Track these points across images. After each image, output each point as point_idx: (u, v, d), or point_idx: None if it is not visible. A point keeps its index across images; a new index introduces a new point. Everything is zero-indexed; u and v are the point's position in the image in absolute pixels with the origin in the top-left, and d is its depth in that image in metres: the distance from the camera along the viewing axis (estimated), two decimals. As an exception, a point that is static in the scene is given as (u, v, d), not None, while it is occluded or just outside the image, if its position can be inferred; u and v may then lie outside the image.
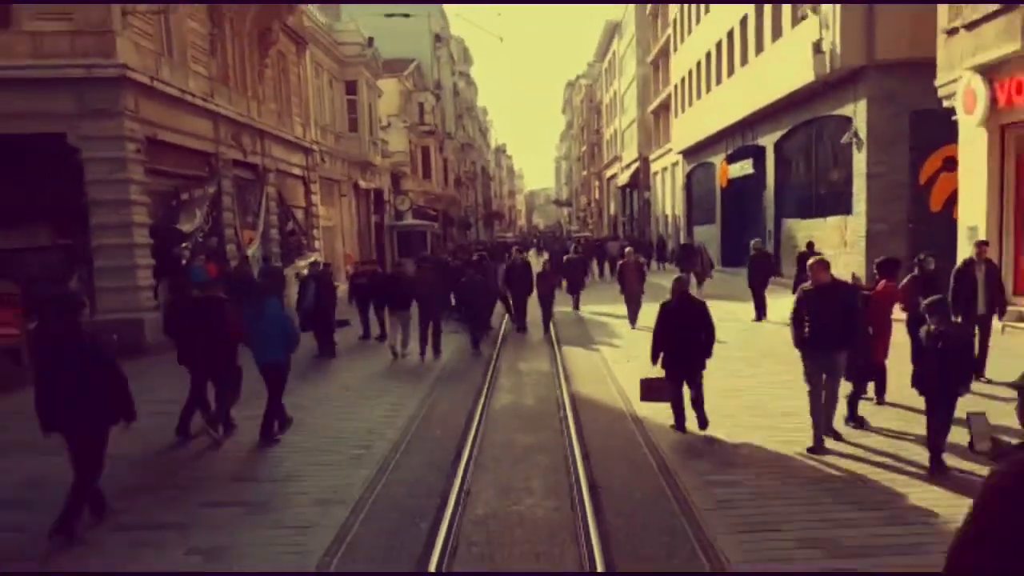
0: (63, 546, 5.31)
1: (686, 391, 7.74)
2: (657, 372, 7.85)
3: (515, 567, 5.02)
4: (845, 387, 7.41)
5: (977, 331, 9.40)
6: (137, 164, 14.27)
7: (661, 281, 17.09)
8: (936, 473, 6.11)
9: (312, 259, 20.31)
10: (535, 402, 9.88)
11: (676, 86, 38.01)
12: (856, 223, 18.74)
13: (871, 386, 8.20)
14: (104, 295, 13.89)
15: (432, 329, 13.20)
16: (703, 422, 7.58)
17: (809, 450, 6.82)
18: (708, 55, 30.94)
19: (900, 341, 8.20)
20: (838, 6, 17.99)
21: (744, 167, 27.13)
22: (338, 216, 29.88)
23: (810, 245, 17.36)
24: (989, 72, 12.77)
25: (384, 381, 11.51)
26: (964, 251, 12.53)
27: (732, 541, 5.09)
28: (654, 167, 48.04)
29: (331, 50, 29.26)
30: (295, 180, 24.54)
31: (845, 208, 19.50)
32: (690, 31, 34.30)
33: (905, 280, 9.55)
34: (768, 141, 25.07)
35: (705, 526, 5.33)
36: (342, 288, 19.45)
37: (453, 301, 15.46)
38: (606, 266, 30.78)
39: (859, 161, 18.54)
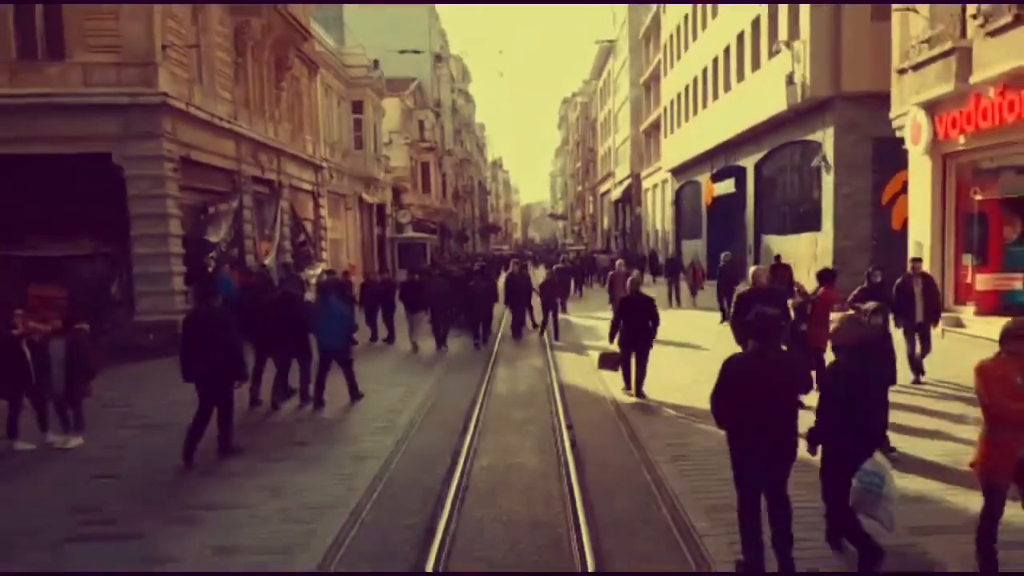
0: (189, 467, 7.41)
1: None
2: (614, 348, 10.42)
3: (512, 501, 6.58)
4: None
5: (918, 337, 10.93)
6: (173, 181, 15.88)
7: (649, 292, 18.81)
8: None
9: (321, 269, 21.90)
10: (528, 386, 11.50)
11: (666, 108, 39.84)
12: (825, 239, 20.43)
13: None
14: (142, 299, 15.48)
15: (442, 327, 15.16)
16: (640, 387, 9.83)
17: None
18: (695, 80, 32.74)
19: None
20: (808, 42, 19.76)
21: (727, 186, 28.87)
22: (343, 229, 31.51)
23: (777, 258, 19.04)
24: (932, 108, 14.50)
25: (398, 373, 13.10)
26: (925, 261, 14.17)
27: (659, 445, 7.48)
28: (645, 184, 49.83)
29: (339, 72, 30.99)
30: (306, 195, 26.17)
31: (816, 226, 21.19)
32: (679, 57, 36.15)
33: (855, 291, 11.15)
34: (749, 162, 26.81)
35: (647, 448, 7.45)
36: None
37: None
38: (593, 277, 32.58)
39: (827, 183, 20.27)
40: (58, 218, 15.06)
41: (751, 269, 8.82)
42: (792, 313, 8.84)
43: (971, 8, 12.98)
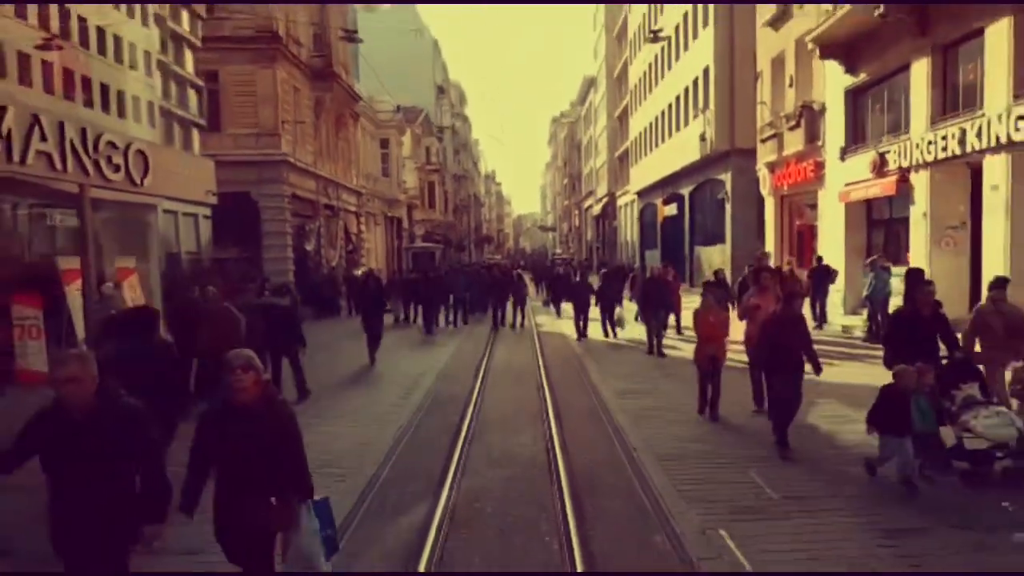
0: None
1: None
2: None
3: (511, 422, 14.97)
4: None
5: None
6: (287, 210, 24.37)
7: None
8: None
9: (363, 269, 30.34)
10: (521, 346, 19.90)
11: (633, 141, 48.59)
12: (727, 250, 29.03)
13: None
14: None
15: (462, 310, 23.06)
16: (583, 335, 17.68)
17: (647, 353, 16.62)
18: (652, 123, 41.44)
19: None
20: (713, 112, 28.44)
21: (672, 209, 37.54)
22: (374, 240, 40.02)
23: (718, 273, 27.63)
24: (770, 167, 23.15)
25: (422, 345, 21.22)
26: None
27: (597, 370, 15.03)
28: (620, 202, 58.49)
29: (372, 117, 39.57)
30: (351, 215, 34.68)
31: (723, 240, 29.80)
32: (640, 103, 44.92)
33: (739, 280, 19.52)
34: (686, 191, 35.45)
35: (589, 369, 15.25)
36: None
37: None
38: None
39: (728, 210, 28.90)
40: (218, 235, 23.44)
41: (651, 265, 17.07)
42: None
43: (782, 112, 21.68)
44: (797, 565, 5.11)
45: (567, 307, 21.53)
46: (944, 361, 7.33)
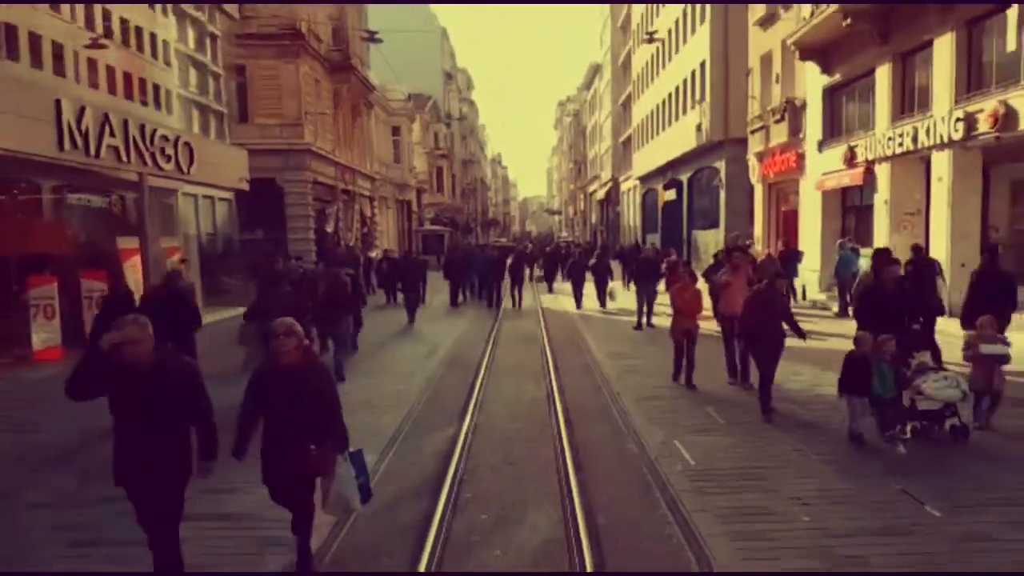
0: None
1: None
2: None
3: (519, 384, 16.90)
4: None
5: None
6: (309, 195, 26.27)
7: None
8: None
9: (378, 252, 32.27)
10: (527, 311, 21.83)
11: (635, 128, 50.22)
12: (720, 234, 30.82)
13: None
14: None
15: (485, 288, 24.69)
16: (579, 305, 19.62)
17: (635, 328, 18.58)
18: (653, 111, 43.09)
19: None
20: (708, 104, 30.16)
21: (672, 194, 39.30)
22: (386, 222, 41.91)
23: (718, 255, 29.44)
24: (759, 156, 24.92)
25: (444, 316, 23.28)
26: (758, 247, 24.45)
27: (594, 338, 16.98)
28: (623, 187, 60.16)
29: (384, 106, 41.33)
30: (365, 199, 36.56)
31: (717, 224, 31.59)
32: (643, 91, 46.54)
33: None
34: (684, 178, 37.20)
35: (587, 336, 17.21)
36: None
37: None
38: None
39: (722, 196, 30.68)
40: (246, 218, 25.37)
41: (645, 247, 18.99)
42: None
43: (769, 106, 23.44)
44: (727, 461, 7.03)
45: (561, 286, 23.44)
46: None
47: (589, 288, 20.67)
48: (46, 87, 14.27)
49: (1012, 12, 12.61)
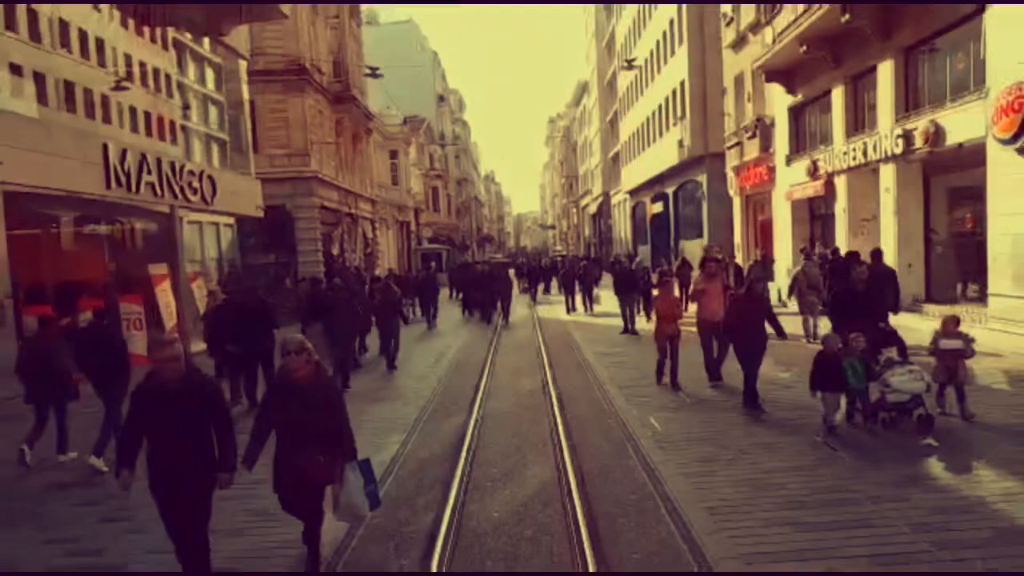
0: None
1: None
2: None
3: (519, 378, 18.59)
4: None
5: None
6: (316, 220, 27.99)
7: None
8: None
9: (380, 268, 33.96)
10: (524, 319, 23.53)
11: (623, 144, 52.16)
12: (703, 243, 32.57)
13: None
14: (301, 286, 27.46)
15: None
16: (571, 310, 21.45)
17: (622, 332, 20.26)
18: (640, 128, 45.02)
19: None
20: (689, 121, 32.02)
21: (659, 207, 41.12)
22: (386, 242, 43.63)
23: (702, 258, 31.24)
24: (736, 170, 26.74)
25: (457, 327, 25.02)
26: (738, 254, 26.21)
27: (583, 337, 18.70)
28: (613, 200, 62.01)
29: (382, 131, 43.19)
30: (367, 221, 38.32)
31: (701, 234, 33.37)
32: (629, 108, 48.50)
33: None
34: (670, 191, 39.03)
35: (575, 335, 18.99)
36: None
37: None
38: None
39: (705, 208, 32.48)
40: (258, 243, 27.08)
41: (624, 262, 20.81)
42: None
43: (742, 123, 25.29)
44: (689, 429, 8.69)
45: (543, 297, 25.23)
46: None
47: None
48: (95, 133, 16.01)
49: (940, 41, 14.41)
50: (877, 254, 13.02)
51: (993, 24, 12.14)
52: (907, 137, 14.76)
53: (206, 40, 22.31)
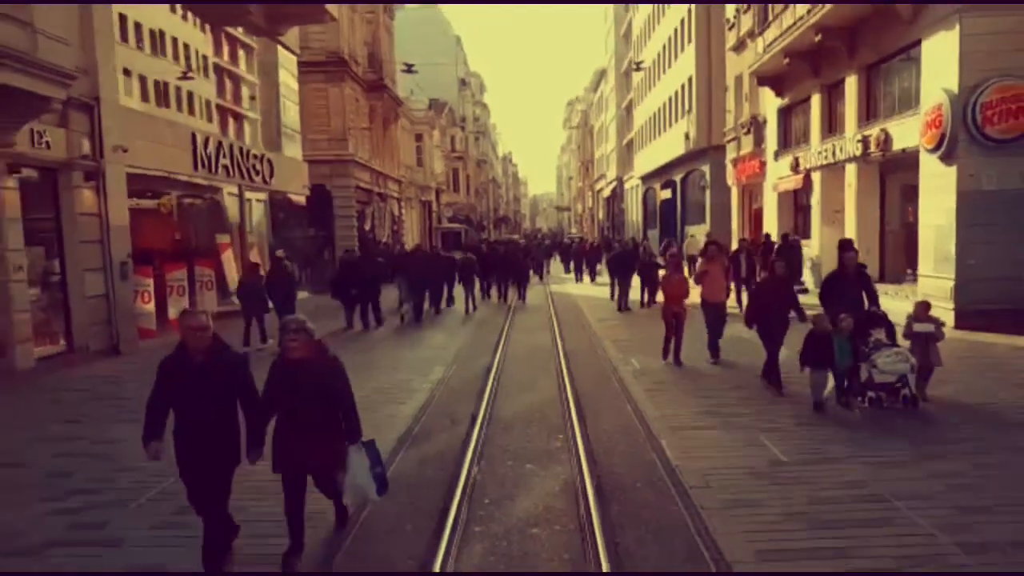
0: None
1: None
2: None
3: (532, 357, 21.53)
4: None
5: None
6: (352, 198, 30.98)
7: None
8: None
9: (411, 246, 36.92)
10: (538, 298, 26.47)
11: (636, 132, 54.72)
12: (706, 229, 35.32)
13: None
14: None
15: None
16: (579, 281, 24.42)
17: (618, 309, 23.04)
18: (651, 117, 47.58)
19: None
20: (695, 114, 34.68)
21: (668, 193, 43.82)
22: (410, 221, 46.61)
23: (702, 244, 34.05)
24: (734, 163, 29.44)
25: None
26: (733, 242, 28.93)
27: (591, 314, 21.65)
28: (627, 185, 64.58)
29: (408, 115, 46.02)
30: (394, 200, 41.28)
31: (704, 220, 36.10)
32: (642, 99, 51.04)
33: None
34: (678, 178, 41.70)
35: (585, 312, 21.94)
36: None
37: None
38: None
39: (707, 196, 35.18)
40: (300, 218, 30.07)
41: (617, 244, 23.58)
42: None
43: (739, 120, 27.98)
44: (658, 367, 11.62)
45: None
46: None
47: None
48: (184, 124, 19.01)
49: (893, 63, 17.06)
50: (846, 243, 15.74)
51: (926, 54, 14.82)
52: (865, 142, 17.46)
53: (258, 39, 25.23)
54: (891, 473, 6.39)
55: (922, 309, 8.81)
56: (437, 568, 4.94)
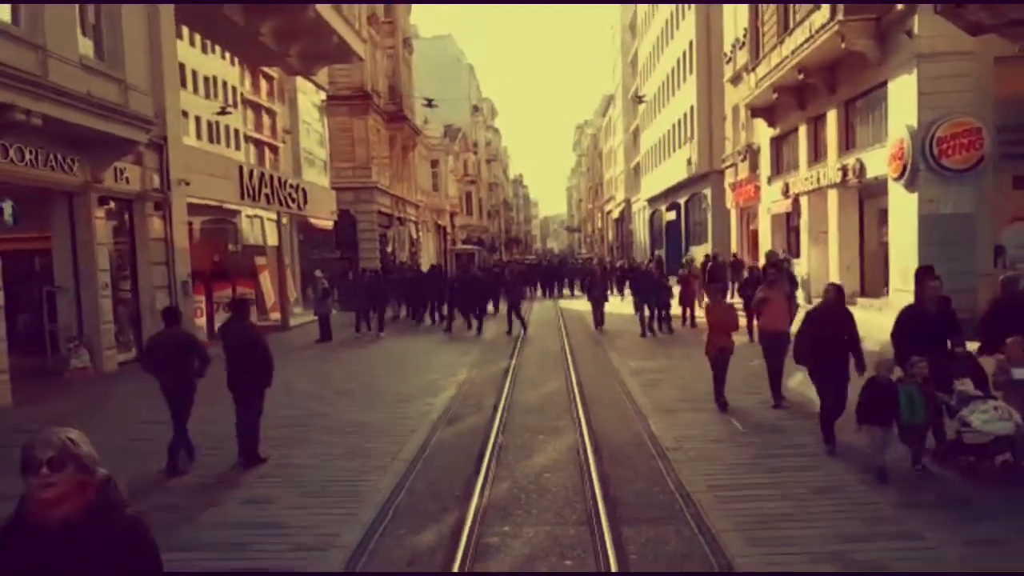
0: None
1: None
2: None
3: (545, 360, 23.42)
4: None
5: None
6: (375, 222, 33.09)
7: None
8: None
9: (426, 264, 38.97)
10: (550, 314, 28.35)
11: (643, 156, 56.83)
12: (708, 248, 37.19)
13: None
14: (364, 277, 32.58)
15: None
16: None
17: (642, 335, 24.62)
18: (657, 143, 49.68)
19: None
20: (696, 142, 36.70)
21: (671, 215, 45.77)
22: (426, 244, 48.72)
23: (699, 261, 35.92)
24: (732, 187, 31.37)
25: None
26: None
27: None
28: (634, 207, 66.59)
29: (425, 143, 48.29)
30: (412, 223, 43.41)
31: (706, 240, 37.97)
32: (649, 124, 53.20)
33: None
34: (682, 201, 43.67)
35: (599, 338, 23.83)
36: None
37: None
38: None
39: (709, 218, 37.09)
40: (326, 241, 32.19)
41: (620, 263, 25.35)
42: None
43: (736, 147, 29.96)
44: (653, 367, 13.48)
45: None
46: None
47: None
48: (231, 158, 21.17)
49: (867, 99, 18.99)
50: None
51: (892, 94, 16.76)
52: (844, 170, 19.36)
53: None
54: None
55: (1018, 349, 6.90)
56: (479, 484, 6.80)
